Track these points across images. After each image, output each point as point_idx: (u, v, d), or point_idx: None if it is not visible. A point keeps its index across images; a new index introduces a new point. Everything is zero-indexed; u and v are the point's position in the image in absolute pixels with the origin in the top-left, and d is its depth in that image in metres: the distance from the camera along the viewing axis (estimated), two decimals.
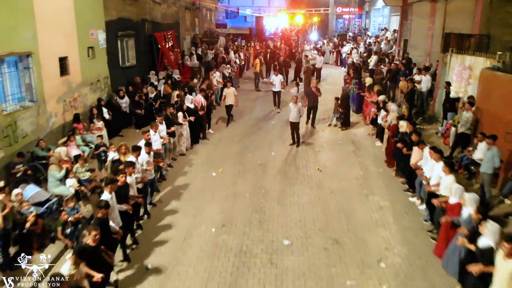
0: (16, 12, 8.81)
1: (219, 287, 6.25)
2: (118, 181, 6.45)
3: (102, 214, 5.78)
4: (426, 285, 6.31)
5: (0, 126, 8.34)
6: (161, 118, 9.83)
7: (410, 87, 13.35)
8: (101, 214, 5.78)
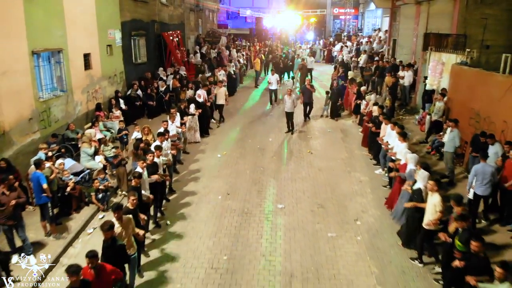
0: (50, 14, 10.32)
1: (226, 237, 7.77)
2: (148, 160, 7.74)
3: (136, 183, 6.91)
4: (392, 237, 7.81)
5: (37, 111, 9.85)
6: (175, 110, 11.21)
7: (393, 81, 14.88)
8: (134, 183, 6.91)
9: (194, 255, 7.23)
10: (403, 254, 7.31)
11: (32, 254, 6.89)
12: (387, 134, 9.77)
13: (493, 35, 14.55)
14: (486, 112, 9.67)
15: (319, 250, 7.41)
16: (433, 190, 6.46)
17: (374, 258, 7.17)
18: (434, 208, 6.38)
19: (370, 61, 19.77)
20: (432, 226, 6.47)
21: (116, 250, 5.43)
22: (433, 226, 6.47)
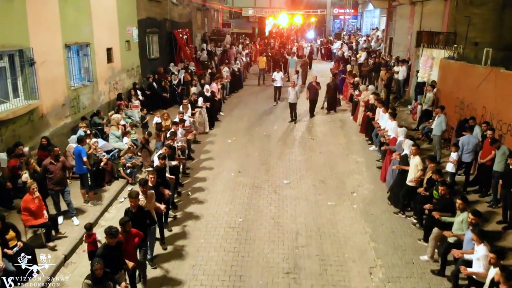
0: (79, 12, 11.52)
1: (240, 205, 8.96)
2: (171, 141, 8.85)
3: (161, 164, 7.84)
4: (384, 205, 9.02)
5: (69, 98, 11.05)
6: (187, 100, 12.34)
7: (388, 76, 16.11)
8: (159, 164, 7.82)
9: (213, 217, 8.43)
10: (393, 218, 8.51)
11: (75, 216, 8.09)
12: (380, 117, 11.02)
13: (481, 33, 15.75)
14: (469, 100, 10.87)
15: (321, 214, 8.61)
16: (415, 153, 7.84)
17: (367, 221, 8.37)
18: (416, 168, 7.75)
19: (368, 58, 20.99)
20: (414, 182, 7.76)
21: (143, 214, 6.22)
22: (415, 182, 7.76)
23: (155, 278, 6.63)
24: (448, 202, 6.58)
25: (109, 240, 5.34)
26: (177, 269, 6.86)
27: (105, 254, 5.24)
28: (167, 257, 7.18)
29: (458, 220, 6.24)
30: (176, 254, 7.25)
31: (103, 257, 5.11)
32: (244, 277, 6.65)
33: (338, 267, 6.96)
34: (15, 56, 9.10)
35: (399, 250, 7.42)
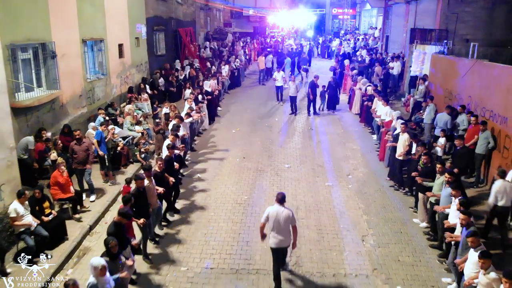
0: (94, 9, 12.35)
1: (245, 185, 9.80)
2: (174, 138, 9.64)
3: (170, 154, 8.65)
4: (377, 186, 9.86)
5: (85, 90, 11.88)
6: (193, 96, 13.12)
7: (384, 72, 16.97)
8: (169, 153, 8.63)
9: (221, 195, 9.28)
10: (384, 196, 9.37)
11: (94, 194, 8.92)
12: (377, 106, 11.90)
13: (472, 30, 16.63)
14: (456, 90, 11.73)
15: (318, 193, 9.45)
16: (403, 131, 8.94)
17: (361, 199, 9.22)
18: (404, 143, 8.83)
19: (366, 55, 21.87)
20: (401, 156, 8.73)
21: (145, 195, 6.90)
22: (402, 156, 8.71)
23: (172, 244, 7.47)
24: (430, 169, 7.53)
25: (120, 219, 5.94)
26: (191, 236, 7.71)
27: (115, 232, 5.73)
28: (181, 227, 8.03)
29: (438, 182, 7.18)
30: (189, 225, 8.10)
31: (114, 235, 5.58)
32: (251, 243, 7.50)
33: (334, 235, 7.80)
34: (39, 49, 9.90)
35: (389, 222, 8.26)
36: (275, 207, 6.07)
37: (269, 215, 6.05)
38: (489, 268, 4.93)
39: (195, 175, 10.35)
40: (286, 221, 5.98)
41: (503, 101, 9.27)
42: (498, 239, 7.46)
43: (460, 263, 5.75)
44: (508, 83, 9.15)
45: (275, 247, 6.12)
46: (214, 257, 7.11)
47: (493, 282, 4.79)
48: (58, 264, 6.78)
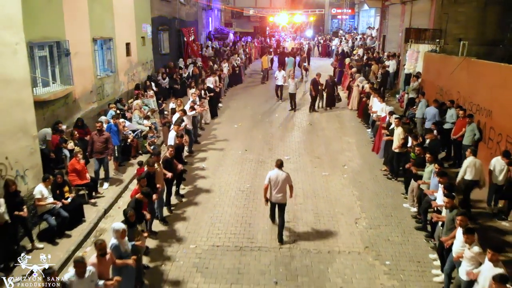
0: (104, 9, 13.02)
1: (247, 175, 10.47)
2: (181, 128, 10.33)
3: (179, 142, 9.45)
4: (371, 175, 10.52)
5: (96, 86, 12.56)
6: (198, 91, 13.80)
7: (383, 72, 17.64)
8: (178, 141, 9.42)
9: (225, 183, 9.95)
10: (377, 184, 10.03)
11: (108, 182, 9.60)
12: (374, 103, 12.57)
13: (464, 29, 17.22)
14: (446, 87, 12.40)
15: (315, 181, 10.13)
16: (397, 125, 9.59)
17: (355, 187, 9.88)
18: (398, 136, 9.43)
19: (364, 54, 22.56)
20: (398, 148, 9.41)
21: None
22: (398, 148, 9.40)
23: (181, 225, 8.15)
24: (423, 159, 8.14)
25: (142, 183, 6.87)
26: (198, 219, 8.38)
27: (135, 207, 6.42)
28: (189, 211, 8.71)
29: (428, 170, 7.83)
30: (196, 209, 8.79)
31: (133, 209, 6.27)
32: (253, 224, 8.17)
33: (329, 218, 8.47)
34: (54, 47, 10.58)
35: (381, 207, 8.93)
36: (275, 171, 7.46)
37: (270, 178, 7.40)
38: (473, 243, 5.54)
39: (201, 165, 11.03)
40: (284, 181, 7.38)
41: (488, 96, 9.94)
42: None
43: (445, 240, 6.41)
44: (492, 79, 9.82)
45: (275, 202, 7.53)
46: (219, 236, 7.79)
47: (477, 255, 5.44)
48: (78, 243, 7.46)
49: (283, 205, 7.57)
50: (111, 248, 5.57)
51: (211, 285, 6.50)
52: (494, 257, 5.02)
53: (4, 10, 6.93)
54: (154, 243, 7.54)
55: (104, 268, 5.46)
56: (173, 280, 6.63)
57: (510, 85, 9.13)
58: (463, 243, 5.68)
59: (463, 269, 5.59)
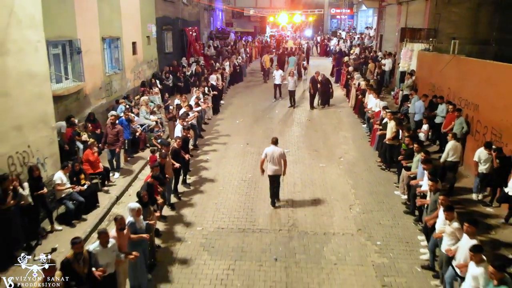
0: (112, 10, 13.66)
1: (249, 166, 11.13)
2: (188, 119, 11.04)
3: (186, 134, 10.22)
4: (365, 166, 11.16)
5: (104, 83, 13.20)
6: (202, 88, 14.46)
7: (380, 72, 18.29)
8: (185, 134, 10.18)
9: (229, 174, 10.61)
10: (370, 174, 10.67)
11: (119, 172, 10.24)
12: (369, 100, 13.22)
13: (458, 29, 17.81)
14: (438, 83, 13.04)
15: (313, 172, 10.78)
16: (390, 118, 10.23)
17: (350, 177, 10.53)
18: (391, 129, 10.06)
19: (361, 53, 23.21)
20: (389, 141, 10.04)
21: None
22: (390, 141, 10.06)
23: (188, 210, 8.80)
24: (412, 150, 8.79)
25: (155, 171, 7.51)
26: (204, 205, 9.04)
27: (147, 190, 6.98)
28: (195, 198, 9.36)
29: (416, 159, 8.49)
30: (202, 196, 9.44)
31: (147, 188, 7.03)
32: (254, 209, 8.82)
33: (325, 204, 9.12)
34: (66, 45, 11.23)
35: (374, 195, 9.58)
36: (271, 147, 8.76)
37: (267, 153, 8.69)
38: (453, 219, 6.17)
39: (205, 158, 11.68)
40: (279, 156, 8.66)
41: (475, 91, 10.59)
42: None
43: (428, 220, 7.06)
44: (479, 75, 10.46)
45: (272, 174, 8.74)
46: (224, 220, 8.43)
47: (456, 231, 6.07)
48: (93, 225, 8.10)
49: (278, 177, 8.84)
50: (127, 225, 6.21)
51: (217, 262, 7.15)
52: (470, 229, 5.64)
53: (27, 11, 7.56)
54: (164, 226, 8.18)
55: (122, 241, 6.07)
56: (183, 257, 7.27)
57: (494, 81, 9.77)
58: (444, 221, 6.33)
59: (445, 244, 6.23)
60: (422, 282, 6.68)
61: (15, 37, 7.22)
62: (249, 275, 6.79)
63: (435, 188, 6.98)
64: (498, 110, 9.49)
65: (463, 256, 5.73)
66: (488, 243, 7.55)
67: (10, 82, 7.12)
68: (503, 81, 9.46)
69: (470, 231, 5.64)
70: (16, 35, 7.22)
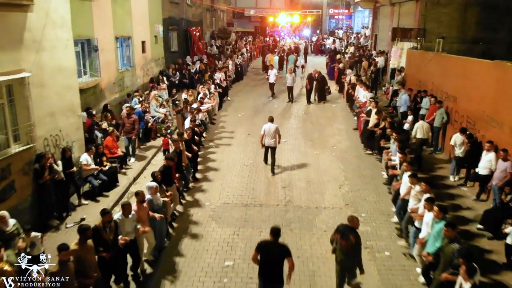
0: (124, 12, 14.84)
1: (250, 153, 12.33)
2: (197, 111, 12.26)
3: (193, 125, 11.49)
4: (356, 154, 12.34)
5: (117, 78, 14.37)
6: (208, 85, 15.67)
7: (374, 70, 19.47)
8: (192, 125, 11.47)
9: (232, 159, 11.81)
10: (359, 160, 11.86)
11: (134, 157, 11.43)
12: (358, 92, 14.44)
13: (447, 29, 18.88)
14: (423, 79, 14.22)
15: (308, 158, 11.96)
16: (373, 107, 11.25)
17: (341, 162, 11.71)
18: (373, 117, 11.19)
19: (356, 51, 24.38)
20: (372, 128, 11.23)
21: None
22: (371, 128, 11.22)
23: (197, 189, 9.98)
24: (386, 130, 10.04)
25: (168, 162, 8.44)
26: (211, 185, 10.23)
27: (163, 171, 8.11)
28: (203, 179, 10.55)
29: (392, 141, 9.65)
30: (208, 178, 10.64)
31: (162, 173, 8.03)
32: (255, 189, 10.01)
33: (318, 184, 10.30)
34: (85, 44, 12.40)
35: (361, 177, 10.75)
36: (268, 124, 10.81)
37: (265, 129, 10.73)
38: (416, 184, 7.32)
39: (211, 146, 12.87)
40: (274, 131, 10.70)
41: (454, 84, 11.76)
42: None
43: (395, 185, 8.33)
44: (457, 70, 11.64)
45: (269, 146, 10.78)
46: (229, 197, 9.63)
47: (418, 193, 7.25)
48: (114, 201, 9.28)
49: (274, 148, 10.79)
50: (147, 201, 7.29)
51: (224, 229, 8.33)
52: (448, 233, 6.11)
53: (58, 12, 8.73)
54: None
55: (142, 214, 7.04)
56: (195, 226, 8.46)
57: (470, 75, 10.95)
58: (407, 184, 7.51)
59: (411, 205, 7.42)
60: (398, 245, 7.86)
61: (50, 36, 8.39)
62: (251, 239, 7.96)
63: (404, 159, 8.17)
64: (473, 101, 10.66)
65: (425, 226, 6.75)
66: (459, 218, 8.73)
67: (45, 75, 8.29)
68: (477, 75, 10.64)
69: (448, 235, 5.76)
70: (50, 34, 8.40)
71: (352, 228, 6.04)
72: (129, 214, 6.66)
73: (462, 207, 9.21)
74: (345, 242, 5.93)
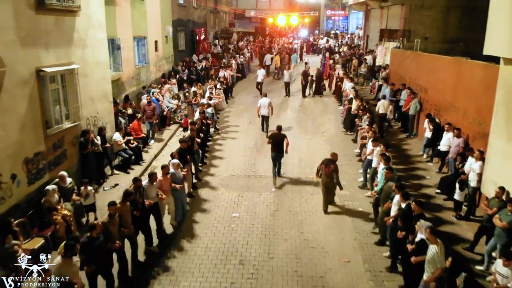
0: (141, 15, 16.84)
1: (251, 137, 14.36)
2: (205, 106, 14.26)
3: (201, 118, 13.52)
4: (342, 138, 14.38)
5: (135, 73, 16.38)
6: (214, 82, 17.70)
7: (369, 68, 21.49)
8: (200, 117, 13.48)
9: (235, 142, 13.86)
10: (345, 143, 13.88)
11: (154, 139, 13.45)
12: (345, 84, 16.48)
13: (430, 30, 20.83)
14: (403, 74, 16.24)
15: (301, 141, 13.99)
16: (354, 95, 13.48)
17: (329, 144, 13.73)
18: (355, 102, 13.18)
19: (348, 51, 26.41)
20: (355, 112, 13.29)
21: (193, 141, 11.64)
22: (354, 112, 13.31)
23: (206, 165, 12.01)
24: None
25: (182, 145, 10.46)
26: (219, 162, 12.28)
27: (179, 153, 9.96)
28: (211, 158, 12.58)
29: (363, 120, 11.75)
30: (215, 157, 12.68)
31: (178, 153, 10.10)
32: (256, 165, 12.06)
33: (308, 161, 12.33)
34: (109, 43, 14.36)
35: (345, 156, 12.71)
36: (263, 99, 14.23)
37: (261, 103, 14.03)
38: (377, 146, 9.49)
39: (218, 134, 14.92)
40: (268, 104, 14.01)
41: (426, 78, 13.78)
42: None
43: (364, 153, 10.41)
44: (428, 66, 13.66)
45: (263, 115, 14.14)
46: (234, 170, 11.66)
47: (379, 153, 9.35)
48: (140, 173, 11.28)
49: (268, 117, 14.24)
50: (171, 173, 9.15)
51: (231, 192, 10.36)
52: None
53: (97, 16, 10.73)
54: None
55: (165, 183, 8.74)
56: (207, 189, 10.48)
57: (438, 70, 12.96)
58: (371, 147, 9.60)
59: (374, 163, 9.51)
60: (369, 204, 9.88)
61: (91, 36, 10.39)
62: (253, 199, 9.99)
63: (369, 130, 10.28)
64: (439, 91, 12.68)
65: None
66: (423, 185, 10.74)
67: (87, 67, 10.29)
68: (442, 69, 12.66)
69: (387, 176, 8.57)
70: (91, 34, 10.40)
71: (333, 160, 9.10)
72: (154, 182, 8.24)
73: (425, 177, 11.23)
74: (328, 169, 9.02)
